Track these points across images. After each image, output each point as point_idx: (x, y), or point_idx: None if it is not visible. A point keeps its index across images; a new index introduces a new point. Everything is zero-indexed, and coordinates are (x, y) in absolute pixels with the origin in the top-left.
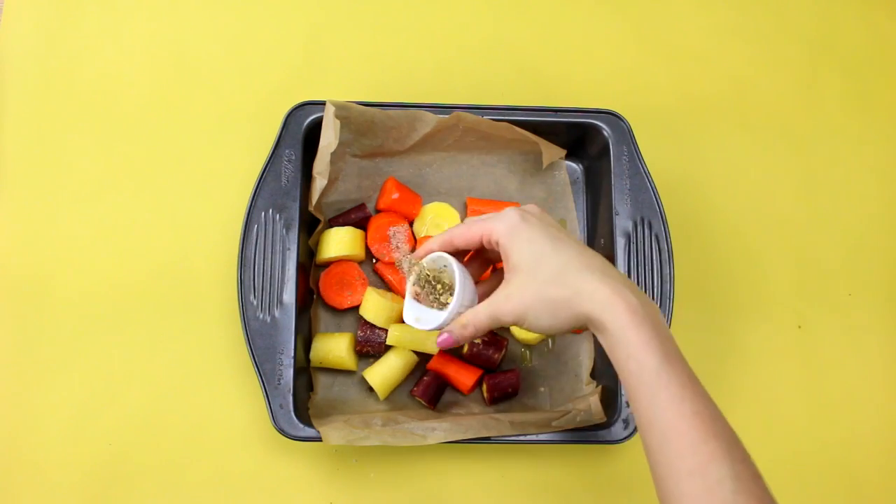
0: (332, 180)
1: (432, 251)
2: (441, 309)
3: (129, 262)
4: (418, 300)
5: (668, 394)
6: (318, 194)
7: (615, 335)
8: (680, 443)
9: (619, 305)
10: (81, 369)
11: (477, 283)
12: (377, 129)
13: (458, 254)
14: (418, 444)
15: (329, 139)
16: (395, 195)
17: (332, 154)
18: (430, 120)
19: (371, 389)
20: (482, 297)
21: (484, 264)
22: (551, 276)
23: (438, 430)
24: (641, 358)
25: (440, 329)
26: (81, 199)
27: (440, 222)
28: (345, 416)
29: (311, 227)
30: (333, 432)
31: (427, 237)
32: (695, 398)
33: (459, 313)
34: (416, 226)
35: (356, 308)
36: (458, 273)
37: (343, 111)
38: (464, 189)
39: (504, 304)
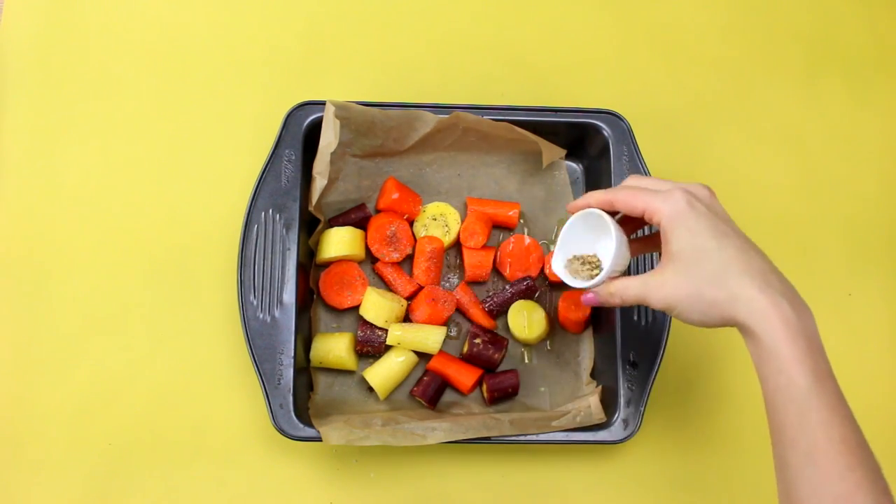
0: (332, 180)
1: (590, 206)
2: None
3: (128, 263)
4: (568, 270)
5: (819, 416)
6: (318, 194)
7: (767, 347)
8: (828, 468)
9: (774, 317)
10: (81, 369)
11: (631, 240)
12: (377, 129)
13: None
14: (418, 444)
15: (329, 139)
16: (395, 195)
17: (332, 154)
18: (430, 120)
19: (371, 389)
20: (634, 254)
21: (640, 224)
22: (710, 275)
23: (438, 430)
24: (793, 375)
25: (589, 289)
26: (81, 198)
27: (440, 222)
28: (345, 416)
29: (311, 227)
30: (333, 432)
31: (427, 237)
32: (844, 422)
33: (611, 277)
34: (416, 226)
35: (356, 308)
36: (614, 234)
37: (343, 111)
38: (464, 189)
39: (657, 290)
